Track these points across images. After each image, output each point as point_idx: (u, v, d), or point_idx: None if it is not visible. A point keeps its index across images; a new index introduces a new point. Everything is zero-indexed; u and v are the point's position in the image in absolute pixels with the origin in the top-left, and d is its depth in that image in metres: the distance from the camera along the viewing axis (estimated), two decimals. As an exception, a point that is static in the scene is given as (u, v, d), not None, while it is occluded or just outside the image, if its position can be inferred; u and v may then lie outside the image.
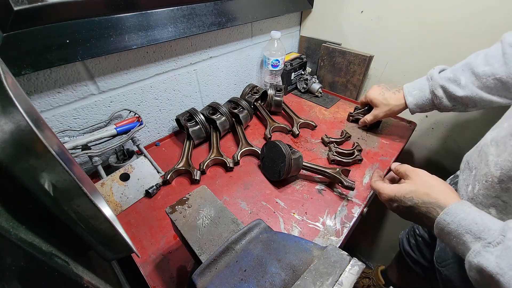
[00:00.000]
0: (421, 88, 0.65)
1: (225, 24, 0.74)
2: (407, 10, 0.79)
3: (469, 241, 0.35)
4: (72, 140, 0.55)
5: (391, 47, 0.87)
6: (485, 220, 0.35)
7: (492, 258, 0.32)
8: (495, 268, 0.31)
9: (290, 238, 0.34)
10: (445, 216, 0.38)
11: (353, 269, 0.28)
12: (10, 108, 0.18)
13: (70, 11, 0.48)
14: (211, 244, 0.37)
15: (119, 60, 0.61)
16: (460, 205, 0.38)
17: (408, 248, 0.82)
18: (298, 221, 0.56)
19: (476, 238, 0.34)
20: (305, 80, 1.02)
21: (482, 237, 0.34)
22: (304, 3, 0.99)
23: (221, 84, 0.90)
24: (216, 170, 0.69)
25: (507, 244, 0.31)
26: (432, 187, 0.43)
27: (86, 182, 0.35)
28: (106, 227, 0.26)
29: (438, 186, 0.43)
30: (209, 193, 0.44)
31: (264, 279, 0.29)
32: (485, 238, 0.33)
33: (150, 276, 0.47)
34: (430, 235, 0.74)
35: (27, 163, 0.20)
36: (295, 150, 0.62)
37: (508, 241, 0.32)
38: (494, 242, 0.33)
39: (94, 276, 0.30)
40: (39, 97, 0.53)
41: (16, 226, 0.21)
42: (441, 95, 0.61)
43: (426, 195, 0.42)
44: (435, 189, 0.42)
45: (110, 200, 0.56)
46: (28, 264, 0.20)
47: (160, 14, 0.61)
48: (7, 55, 0.43)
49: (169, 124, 0.81)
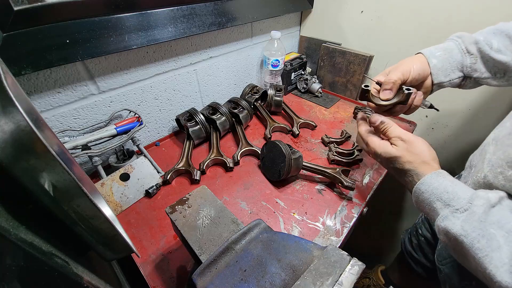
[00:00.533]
0: (446, 48, 0.53)
1: (225, 24, 0.74)
2: (407, 10, 0.79)
3: (438, 208, 0.38)
4: (72, 140, 0.55)
5: (391, 47, 0.87)
6: (456, 189, 0.37)
7: (458, 222, 0.34)
8: (459, 230, 0.34)
9: (290, 238, 0.34)
10: (420, 186, 0.41)
11: (353, 269, 0.28)
12: (10, 108, 0.18)
13: (70, 11, 0.48)
14: (211, 244, 0.37)
15: (119, 60, 0.61)
16: (436, 176, 0.40)
17: (410, 248, 0.82)
18: (298, 221, 0.56)
19: (445, 205, 0.37)
20: (305, 80, 1.02)
21: (451, 204, 0.36)
22: (304, 3, 0.99)
23: (221, 84, 0.90)
24: (216, 170, 0.69)
25: (472, 210, 0.34)
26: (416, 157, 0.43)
27: (86, 182, 0.35)
28: (106, 227, 0.26)
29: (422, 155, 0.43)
30: (209, 193, 0.44)
31: (264, 279, 0.29)
32: (454, 206, 0.36)
33: (150, 276, 0.47)
34: (432, 234, 0.74)
35: (27, 163, 0.20)
36: (295, 150, 0.62)
37: (474, 207, 0.34)
38: (462, 209, 0.35)
39: (94, 276, 0.30)
40: (39, 97, 0.53)
41: (16, 226, 0.21)
42: (475, 52, 0.50)
43: (408, 163, 0.43)
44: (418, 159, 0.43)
45: (110, 200, 0.56)
46: (28, 264, 0.20)
47: (160, 14, 0.61)
48: (7, 55, 0.43)
49: (169, 124, 0.81)
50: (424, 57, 0.53)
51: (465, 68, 0.52)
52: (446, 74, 0.53)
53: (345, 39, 0.97)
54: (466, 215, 0.34)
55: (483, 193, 0.35)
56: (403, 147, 0.45)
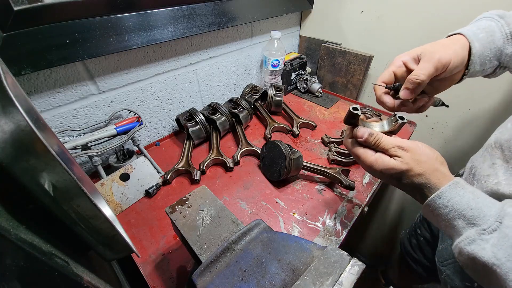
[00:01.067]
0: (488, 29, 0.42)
1: (225, 24, 0.74)
2: (407, 10, 0.79)
3: (461, 227, 0.33)
4: (72, 140, 0.55)
5: (391, 47, 0.87)
6: (480, 205, 0.32)
7: (488, 247, 0.30)
8: (491, 258, 0.29)
9: (290, 238, 0.34)
10: (436, 199, 0.34)
11: (353, 269, 0.28)
12: (10, 108, 0.18)
13: (70, 11, 0.48)
14: (211, 244, 0.37)
15: (119, 60, 0.61)
16: (454, 188, 0.34)
17: (409, 248, 0.82)
18: (298, 221, 0.56)
19: (469, 224, 0.32)
20: (305, 80, 1.02)
21: (476, 223, 0.31)
22: (304, 3, 0.99)
23: (221, 84, 0.90)
24: (216, 170, 0.69)
25: (504, 232, 0.29)
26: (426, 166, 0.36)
27: (86, 182, 0.35)
28: (106, 227, 0.26)
29: (430, 163, 0.36)
30: (209, 193, 0.44)
31: (264, 279, 0.29)
32: (480, 225, 0.31)
33: (150, 276, 0.47)
34: (431, 234, 0.74)
35: (27, 163, 0.20)
36: (295, 150, 0.62)
37: (505, 228, 0.29)
38: (490, 229, 0.30)
39: (94, 276, 0.30)
40: (39, 97, 0.53)
41: (16, 226, 0.21)
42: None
43: (418, 176, 0.36)
44: (428, 168, 0.36)
45: (110, 200, 0.56)
46: (28, 264, 0.20)
47: (160, 14, 0.61)
48: (7, 55, 0.43)
49: (169, 124, 0.81)
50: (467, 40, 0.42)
51: (503, 57, 0.42)
52: (483, 63, 0.42)
53: (345, 39, 0.97)
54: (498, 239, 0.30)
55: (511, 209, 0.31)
56: (407, 157, 0.36)
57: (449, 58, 0.40)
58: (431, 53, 0.41)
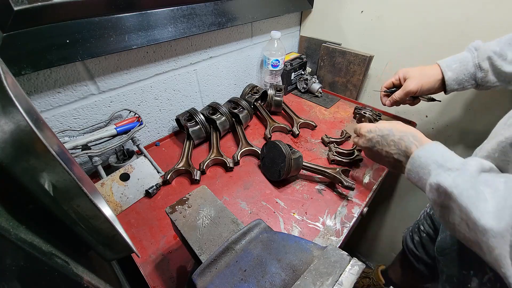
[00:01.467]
0: (462, 60, 0.59)
1: (225, 24, 0.74)
2: (407, 9, 0.79)
3: (433, 169, 0.39)
4: (72, 140, 0.55)
5: (391, 47, 0.87)
6: (453, 156, 0.39)
7: (450, 177, 0.36)
8: (451, 183, 0.35)
9: (290, 238, 0.34)
10: (419, 152, 0.43)
11: (353, 269, 0.28)
12: (10, 108, 0.18)
13: (70, 11, 0.48)
14: (211, 244, 0.37)
15: (119, 60, 0.61)
16: (436, 144, 0.43)
17: (411, 245, 0.82)
18: (298, 221, 0.56)
19: (439, 166, 0.39)
20: (305, 80, 1.02)
21: (445, 165, 0.38)
22: (304, 3, 0.99)
23: (221, 84, 0.90)
24: (216, 170, 0.69)
25: (465, 168, 0.36)
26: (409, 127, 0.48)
27: (86, 182, 0.35)
28: (106, 227, 0.26)
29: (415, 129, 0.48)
30: (209, 193, 0.44)
31: (264, 279, 0.29)
32: (448, 166, 0.38)
33: (150, 276, 0.47)
34: (434, 230, 0.74)
35: (27, 163, 0.20)
36: (295, 150, 0.62)
37: (467, 166, 0.36)
38: (454, 168, 0.37)
39: (94, 276, 0.30)
40: (39, 97, 0.53)
41: (16, 226, 0.21)
42: (487, 67, 0.55)
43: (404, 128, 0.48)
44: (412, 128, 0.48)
45: (110, 200, 0.56)
46: (28, 264, 0.20)
47: (160, 14, 0.61)
48: (7, 55, 0.43)
49: (169, 124, 0.81)
50: (440, 69, 0.60)
51: (477, 79, 0.58)
52: (460, 83, 0.59)
53: (345, 39, 0.97)
54: (459, 172, 0.36)
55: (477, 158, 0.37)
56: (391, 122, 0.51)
57: (417, 88, 0.61)
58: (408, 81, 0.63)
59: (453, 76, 0.59)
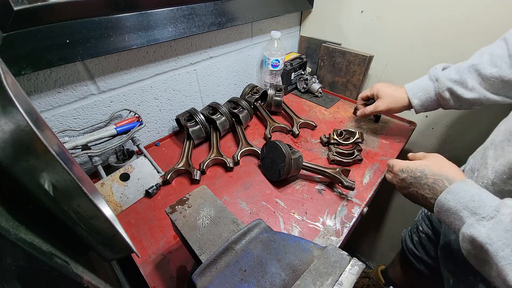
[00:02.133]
0: (425, 89, 0.64)
1: (225, 24, 0.74)
2: (407, 10, 0.79)
3: (465, 216, 0.37)
4: (72, 140, 0.55)
5: (391, 47, 0.87)
6: (482, 198, 0.37)
7: (484, 230, 0.34)
8: (485, 238, 0.33)
9: (290, 238, 0.34)
10: (446, 195, 0.41)
11: (353, 269, 0.28)
12: (10, 108, 0.18)
13: (70, 11, 0.48)
14: (211, 244, 0.37)
15: (119, 60, 0.61)
16: (462, 184, 0.40)
17: (411, 245, 0.82)
18: (298, 221, 0.56)
19: (472, 213, 0.37)
20: (305, 80, 1.02)
21: (477, 213, 0.36)
22: (304, 3, 0.99)
23: (221, 84, 0.90)
24: (216, 170, 0.69)
25: (499, 218, 0.34)
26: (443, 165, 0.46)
27: (86, 182, 0.35)
28: (106, 227, 0.26)
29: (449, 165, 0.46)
30: (209, 193, 0.44)
31: (264, 279, 0.29)
32: (480, 214, 0.36)
33: (150, 276, 0.47)
34: (433, 231, 0.74)
35: (27, 163, 0.20)
36: (295, 150, 0.62)
37: (501, 215, 0.34)
38: (488, 217, 0.35)
39: (94, 276, 0.30)
40: (39, 97, 0.53)
41: (16, 226, 0.21)
42: (448, 97, 0.60)
43: (437, 168, 0.45)
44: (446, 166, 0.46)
45: (110, 200, 0.56)
46: (28, 264, 0.20)
47: (160, 14, 0.61)
48: (7, 55, 0.43)
49: (169, 124, 0.81)
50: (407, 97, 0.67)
51: (442, 105, 0.64)
52: (426, 108, 0.66)
53: (345, 39, 0.97)
54: (493, 223, 0.34)
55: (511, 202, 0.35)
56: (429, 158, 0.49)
57: (386, 110, 0.70)
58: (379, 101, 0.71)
59: (420, 103, 0.65)
